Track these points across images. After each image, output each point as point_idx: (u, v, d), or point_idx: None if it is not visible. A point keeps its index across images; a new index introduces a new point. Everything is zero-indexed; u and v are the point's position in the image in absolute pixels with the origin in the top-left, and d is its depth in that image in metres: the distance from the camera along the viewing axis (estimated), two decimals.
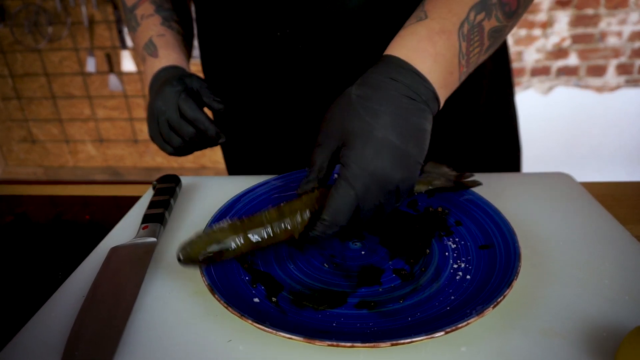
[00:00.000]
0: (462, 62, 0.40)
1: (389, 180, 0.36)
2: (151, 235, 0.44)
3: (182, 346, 0.33)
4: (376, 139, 0.35)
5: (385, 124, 0.36)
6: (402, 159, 0.36)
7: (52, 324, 0.35)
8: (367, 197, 0.36)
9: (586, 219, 0.47)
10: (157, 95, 0.51)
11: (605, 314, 0.34)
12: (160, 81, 0.53)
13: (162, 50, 0.56)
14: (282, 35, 0.54)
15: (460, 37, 0.39)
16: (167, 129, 0.51)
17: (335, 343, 0.28)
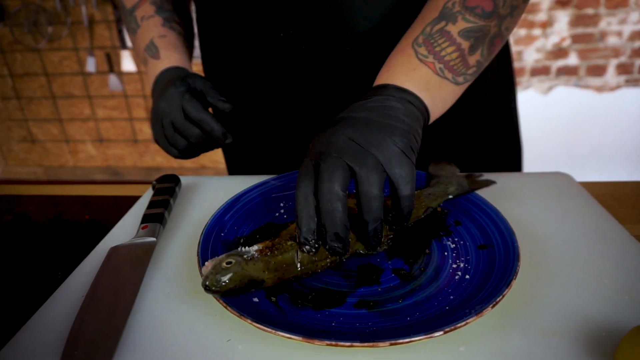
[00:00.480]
0: (428, 60, 0.41)
1: (335, 132, 0.36)
2: (151, 235, 0.44)
3: (182, 346, 0.33)
4: (331, 121, 0.38)
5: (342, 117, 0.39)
6: (364, 116, 0.37)
7: (52, 324, 0.35)
8: (323, 153, 0.35)
9: (585, 218, 0.47)
10: (160, 96, 0.50)
11: (605, 313, 0.34)
12: (163, 82, 0.52)
13: (163, 51, 0.55)
14: (285, 36, 0.54)
15: (415, 47, 0.42)
16: (172, 131, 0.50)
17: (334, 343, 0.28)
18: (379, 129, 0.36)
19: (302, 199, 0.34)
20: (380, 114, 0.38)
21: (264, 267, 0.35)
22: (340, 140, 0.36)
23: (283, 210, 0.48)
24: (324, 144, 0.36)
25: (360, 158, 0.34)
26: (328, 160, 0.34)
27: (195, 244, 0.44)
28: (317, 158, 0.36)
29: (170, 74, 0.53)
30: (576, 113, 2.37)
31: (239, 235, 0.43)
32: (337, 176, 0.34)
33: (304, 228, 0.34)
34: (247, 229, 0.45)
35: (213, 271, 0.34)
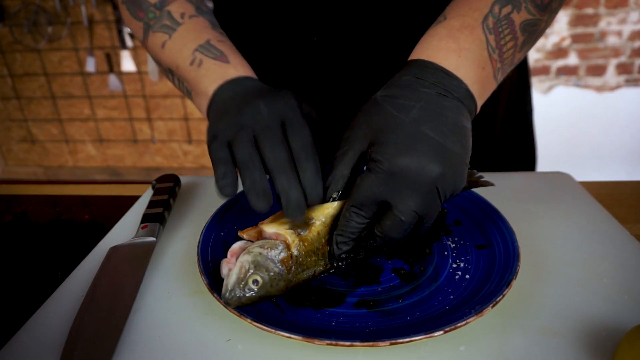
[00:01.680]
0: (494, 57, 0.37)
1: (425, 175, 0.32)
2: (150, 234, 0.44)
3: (181, 345, 0.33)
4: (408, 131, 0.33)
5: (417, 118, 0.33)
6: (440, 153, 0.32)
7: (51, 324, 0.35)
8: (401, 197, 0.32)
9: (585, 218, 0.47)
10: (248, 105, 0.38)
11: (605, 313, 0.34)
12: (249, 92, 0.41)
13: (232, 56, 0.45)
14: (319, 40, 0.53)
15: (486, 30, 0.37)
16: (251, 150, 0.35)
17: (334, 342, 0.28)
18: (460, 178, 0.34)
19: (354, 229, 0.35)
20: (462, 148, 0.34)
21: (284, 287, 0.34)
22: (430, 192, 0.33)
23: None
24: (413, 184, 0.33)
25: (432, 214, 0.34)
26: (406, 217, 0.33)
27: (195, 244, 0.44)
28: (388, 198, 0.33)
29: (254, 84, 0.43)
30: (576, 113, 2.37)
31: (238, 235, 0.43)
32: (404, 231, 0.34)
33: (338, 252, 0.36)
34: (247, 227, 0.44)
35: (235, 287, 0.32)
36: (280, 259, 0.34)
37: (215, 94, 0.42)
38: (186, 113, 2.59)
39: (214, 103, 0.42)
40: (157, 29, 0.48)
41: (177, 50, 0.46)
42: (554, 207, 0.49)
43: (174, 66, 0.47)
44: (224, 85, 0.42)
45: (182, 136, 2.66)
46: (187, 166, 2.73)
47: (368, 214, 0.34)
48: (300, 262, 0.35)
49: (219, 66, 0.44)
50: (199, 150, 2.69)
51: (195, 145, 2.68)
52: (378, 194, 0.33)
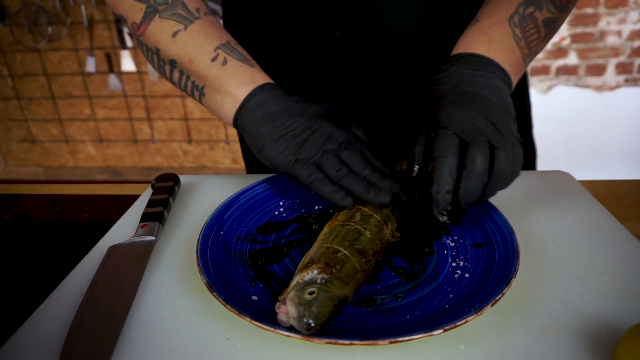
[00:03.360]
0: (521, 44, 0.44)
1: (475, 117, 0.38)
2: (150, 233, 0.44)
3: (180, 344, 0.32)
4: (451, 93, 0.40)
5: (456, 83, 0.41)
6: (479, 99, 0.39)
7: (50, 323, 0.35)
8: (470, 131, 0.37)
9: (585, 217, 0.47)
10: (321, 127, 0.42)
11: (604, 311, 0.34)
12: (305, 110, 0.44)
13: (253, 62, 0.47)
14: (341, 34, 0.54)
15: (512, 25, 0.44)
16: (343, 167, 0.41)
17: (334, 341, 0.28)
18: (505, 114, 0.39)
19: (447, 174, 0.37)
20: (499, 98, 0.40)
21: (341, 283, 0.33)
22: (482, 124, 0.38)
23: (282, 209, 0.48)
24: (467, 124, 0.38)
25: (502, 143, 0.38)
26: (480, 145, 0.37)
27: (195, 243, 0.44)
28: (463, 136, 0.38)
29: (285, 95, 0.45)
30: (576, 113, 2.37)
31: (237, 234, 0.43)
32: (486, 161, 0.37)
33: (442, 204, 0.37)
34: (247, 227, 0.44)
35: (302, 307, 0.30)
36: (316, 274, 0.33)
37: (249, 99, 0.43)
38: (186, 113, 2.59)
39: (249, 109, 0.43)
40: (168, 17, 0.46)
41: (196, 44, 0.45)
42: (553, 206, 0.49)
43: (185, 59, 0.46)
44: (255, 90, 0.44)
45: (182, 136, 2.65)
46: (187, 166, 2.73)
47: (453, 160, 0.37)
48: (333, 261, 0.34)
49: (246, 69, 0.45)
50: (198, 150, 2.69)
51: (195, 145, 2.68)
52: (453, 139, 0.38)
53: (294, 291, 0.31)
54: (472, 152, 0.37)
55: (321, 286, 0.32)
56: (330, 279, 0.33)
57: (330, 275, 0.33)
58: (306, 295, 0.31)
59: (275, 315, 0.32)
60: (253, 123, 0.43)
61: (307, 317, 0.29)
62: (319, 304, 0.30)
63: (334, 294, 0.32)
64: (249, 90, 0.44)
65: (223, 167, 2.71)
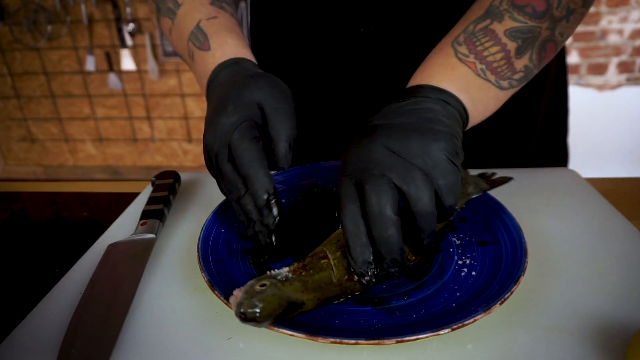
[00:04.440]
0: (468, 60, 0.38)
1: (374, 145, 0.32)
2: (150, 231, 0.44)
3: (181, 344, 0.32)
4: (360, 132, 0.35)
5: (369, 121, 0.36)
6: (389, 129, 0.34)
7: (49, 322, 0.35)
8: (362, 172, 0.32)
9: (592, 214, 0.46)
10: (209, 124, 0.38)
11: (613, 310, 0.33)
12: (218, 93, 0.39)
13: (214, 38, 0.42)
14: (365, 31, 0.52)
15: (455, 45, 0.39)
16: (220, 174, 0.37)
17: (339, 340, 0.28)
18: (420, 135, 0.33)
19: (351, 226, 0.32)
20: (419, 118, 0.34)
21: (301, 287, 0.31)
22: (380, 154, 0.32)
23: (286, 206, 0.47)
24: (362, 160, 0.32)
25: (407, 175, 0.31)
26: (372, 181, 0.31)
27: (196, 240, 0.43)
28: (357, 176, 0.32)
29: (227, 74, 0.40)
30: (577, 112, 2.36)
31: (240, 232, 0.42)
32: (387, 198, 0.31)
33: (360, 259, 0.32)
34: None
35: (246, 296, 0.29)
36: (287, 271, 0.32)
37: (208, 96, 0.41)
38: (186, 112, 2.58)
39: (208, 105, 0.41)
40: (164, 13, 0.45)
41: (179, 39, 0.44)
42: (560, 203, 0.48)
43: (184, 57, 0.46)
44: (210, 83, 0.41)
45: (182, 135, 2.65)
46: (187, 165, 2.73)
47: (353, 206, 0.32)
48: (311, 265, 0.33)
49: (202, 57, 0.42)
50: (199, 149, 2.68)
51: (195, 144, 2.67)
52: (350, 179, 0.33)
53: (254, 280, 0.31)
54: (366, 193, 0.31)
55: (276, 282, 0.31)
56: (292, 279, 0.32)
57: (296, 276, 0.32)
58: (257, 287, 0.30)
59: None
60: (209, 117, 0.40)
61: (245, 306, 0.29)
62: (263, 298, 0.29)
63: (285, 294, 0.30)
64: (205, 81, 0.41)
65: None
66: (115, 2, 2.34)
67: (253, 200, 0.35)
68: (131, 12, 2.36)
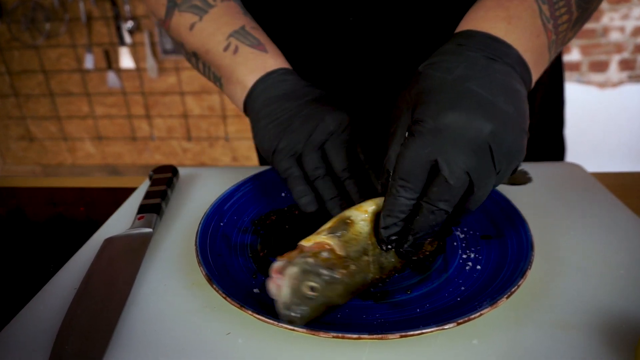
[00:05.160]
0: (549, 27, 0.34)
1: (474, 130, 0.28)
2: (147, 225, 0.43)
3: (179, 339, 0.31)
4: (453, 87, 0.30)
5: (462, 75, 0.30)
6: (490, 110, 0.29)
7: (43, 317, 0.34)
8: (450, 157, 0.29)
9: (598, 209, 0.45)
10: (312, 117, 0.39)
11: (623, 305, 0.32)
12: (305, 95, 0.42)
13: (269, 46, 0.45)
14: (355, 20, 0.52)
15: (539, 1, 0.34)
16: (322, 165, 0.40)
17: (341, 335, 0.27)
18: (514, 137, 0.30)
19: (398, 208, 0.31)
20: (516, 108, 0.31)
21: (344, 292, 0.30)
22: (477, 151, 0.29)
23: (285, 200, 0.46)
24: (456, 145, 0.29)
25: (484, 181, 0.30)
26: (454, 179, 0.29)
27: (192, 236, 0.42)
28: (439, 158, 0.30)
29: (297, 81, 0.43)
30: (578, 109, 2.36)
31: (238, 226, 0.42)
32: (457, 198, 0.30)
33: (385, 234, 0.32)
34: (247, 218, 0.43)
35: (295, 300, 0.28)
36: (328, 264, 0.31)
37: (256, 86, 0.42)
38: (185, 110, 2.57)
39: (255, 96, 0.42)
40: (186, 9, 0.46)
41: (209, 34, 0.44)
42: (565, 197, 0.47)
43: (202, 50, 0.45)
44: (265, 77, 0.42)
45: (182, 133, 2.64)
46: (187, 163, 2.72)
47: (416, 185, 0.30)
48: (352, 261, 0.32)
49: (257, 55, 0.43)
50: (198, 148, 2.67)
51: (194, 143, 2.66)
52: (424, 156, 0.29)
53: (298, 269, 0.29)
54: (441, 186, 0.30)
55: (325, 286, 0.29)
56: (338, 280, 0.30)
57: (341, 277, 0.30)
58: (306, 289, 0.29)
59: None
60: (254, 109, 0.42)
61: (295, 311, 0.28)
62: (313, 306, 0.28)
63: (331, 300, 0.29)
64: (257, 77, 0.42)
65: (222, 164, 2.71)
66: (114, 0, 2.33)
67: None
68: (130, 10, 2.35)
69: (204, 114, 2.58)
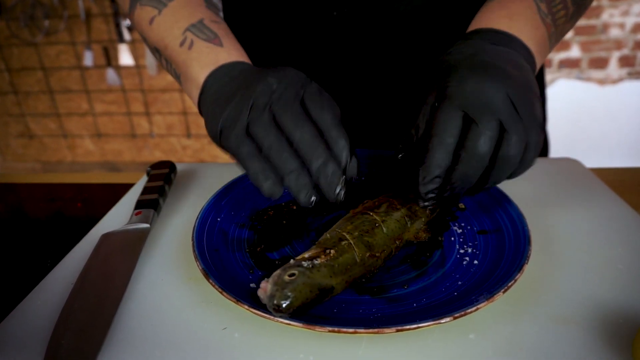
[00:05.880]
0: (547, 21, 0.40)
1: (494, 88, 0.32)
2: (144, 221, 0.43)
3: (175, 334, 0.31)
4: (468, 61, 0.34)
5: (473, 53, 0.35)
6: (501, 72, 0.33)
7: (38, 312, 0.34)
8: (478, 107, 0.31)
9: (596, 203, 0.45)
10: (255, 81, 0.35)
11: (620, 300, 0.32)
12: (252, 70, 0.38)
13: (225, 39, 0.42)
14: (338, 14, 0.52)
15: (537, 0, 0.40)
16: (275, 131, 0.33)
17: (337, 329, 0.27)
18: (529, 91, 0.33)
19: (440, 157, 0.32)
20: (522, 74, 0.34)
21: (329, 272, 0.31)
22: (499, 99, 0.32)
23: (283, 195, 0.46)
24: (477, 95, 0.32)
25: (514, 125, 0.32)
26: (488, 125, 0.31)
27: (190, 231, 0.42)
28: (470, 111, 0.32)
29: (250, 68, 0.39)
30: (578, 106, 2.36)
31: (236, 221, 0.41)
32: (492, 144, 0.32)
33: (428, 188, 0.33)
34: (245, 214, 0.43)
35: (277, 287, 0.29)
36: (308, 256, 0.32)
37: (207, 81, 0.39)
38: (185, 107, 2.57)
39: (206, 91, 0.39)
40: (146, 2, 0.44)
41: (167, 28, 0.43)
42: (564, 192, 0.47)
43: (161, 45, 0.43)
44: (216, 71, 0.39)
45: (181, 130, 2.64)
46: (186, 160, 2.72)
47: (452, 138, 0.32)
48: (334, 248, 0.32)
49: (211, 49, 0.41)
50: (197, 145, 2.67)
51: (194, 140, 2.66)
52: (455, 110, 0.32)
53: (280, 270, 0.30)
54: (475, 132, 0.31)
55: (304, 270, 0.30)
56: (319, 265, 0.31)
57: (321, 261, 0.31)
58: (286, 277, 0.29)
59: None
60: (206, 104, 0.38)
61: (278, 298, 0.28)
62: (295, 287, 0.29)
63: (315, 281, 0.30)
64: (208, 73, 0.39)
65: (222, 161, 2.69)
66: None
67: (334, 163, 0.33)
68: None
69: (194, 104, 2.59)
